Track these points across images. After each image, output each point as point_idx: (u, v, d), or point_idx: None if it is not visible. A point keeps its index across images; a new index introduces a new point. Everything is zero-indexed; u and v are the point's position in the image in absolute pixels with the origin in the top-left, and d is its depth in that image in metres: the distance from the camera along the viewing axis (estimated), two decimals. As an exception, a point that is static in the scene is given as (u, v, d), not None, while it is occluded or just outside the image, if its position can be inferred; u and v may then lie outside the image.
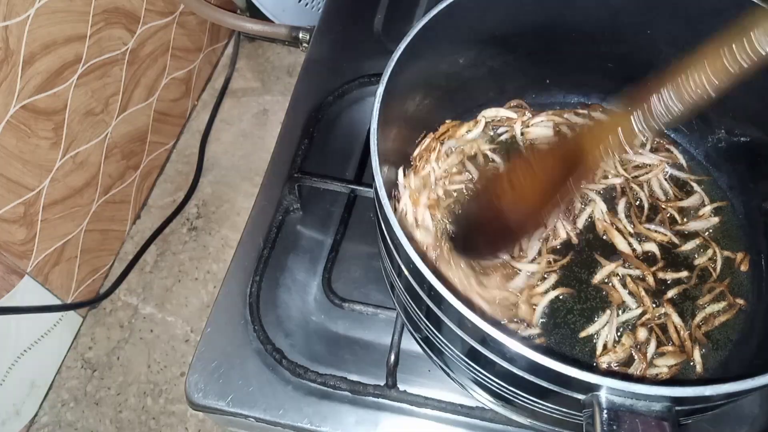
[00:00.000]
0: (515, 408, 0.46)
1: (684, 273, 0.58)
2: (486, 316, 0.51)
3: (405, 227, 0.52)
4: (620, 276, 0.57)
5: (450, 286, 0.49)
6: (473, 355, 0.41)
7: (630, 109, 0.44)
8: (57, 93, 1.03)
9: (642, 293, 0.56)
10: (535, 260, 0.58)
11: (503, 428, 0.55)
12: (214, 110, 1.52)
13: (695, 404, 0.37)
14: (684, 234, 0.60)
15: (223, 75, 1.57)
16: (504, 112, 0.65)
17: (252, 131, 1.51)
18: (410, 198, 0.57)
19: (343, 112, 0.74)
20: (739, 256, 0.59)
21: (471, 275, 0.54)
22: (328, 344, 0.61)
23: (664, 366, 0.53)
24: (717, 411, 0.41)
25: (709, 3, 0.52)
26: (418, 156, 0.62)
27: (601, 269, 0.58)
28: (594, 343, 0.55)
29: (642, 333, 0.54)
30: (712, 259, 0.59)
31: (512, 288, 0.56)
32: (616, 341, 0.54)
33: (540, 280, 0.57)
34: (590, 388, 0.35)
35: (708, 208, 0.61)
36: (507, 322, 0.55)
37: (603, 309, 0.56)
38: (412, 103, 0.57)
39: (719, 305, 0.56)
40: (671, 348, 0.54)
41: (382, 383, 0.56)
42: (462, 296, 0.53)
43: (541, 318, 0.56)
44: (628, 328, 0.55)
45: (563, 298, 0.57)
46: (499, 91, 0.66)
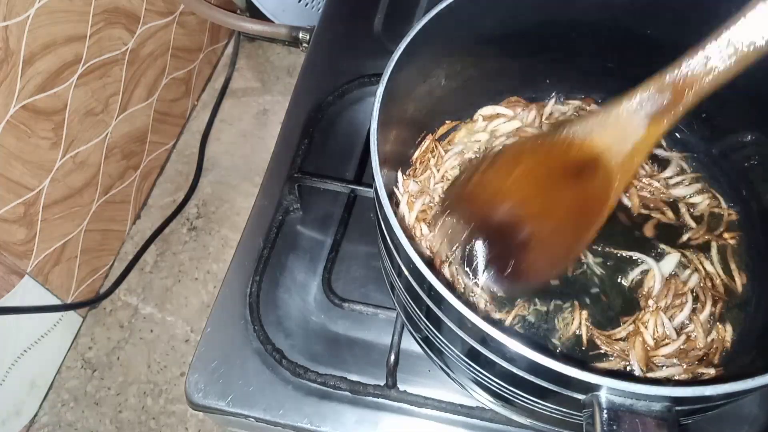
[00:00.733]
0: (515, 408, 0.46)
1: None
2: (487, 317, 0.51)
3: (405, 229, 0.52)
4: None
5: (450, 286, 0.49)
6: (473, 355, 0.41)
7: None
8: (57, 93, 1.03)
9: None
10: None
11: (503, 428, 0.55)
12: (214, 110, 1.51)
13: (695, 404, 0.37)
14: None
15: (223, 75, 1.57)
16: (500, 110, 0.65)
17: (252, 131, 1.51)
18: (407, 204, 0.57)
19: (343, 112, 0.74)
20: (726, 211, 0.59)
21: None
22: (328, 344, 0.61)
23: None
24: (717, 411, 0.41)
25: (710, 2, 0.52)
26: (418, 159, 0.62)
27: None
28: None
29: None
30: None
31: None
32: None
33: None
34: (590, 388, 0.35)
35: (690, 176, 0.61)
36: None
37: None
38: (413, 104, 0.56)
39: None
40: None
41: (382, 383, 0.56)
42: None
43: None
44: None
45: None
46: (500, 91, 0.66)
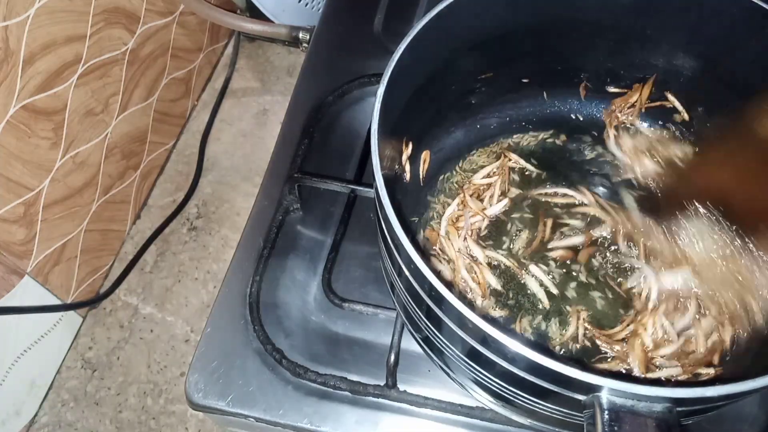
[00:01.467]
0: (515, 408, 0.46)
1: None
2: (486, 316, 0.51)
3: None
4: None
5: (450, 286, 0.49)
6: (474, 355, 0.41)
7: None
8: (57, 93, 1.03)
9: None
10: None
11: (503, 428, 0.55)
12: (214, 110, 1.51)
13: (696, 405, 0.37)
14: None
15: (223, 75, 1.57)
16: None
17: (252, 131, 1.51)
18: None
19: (343, 112, 0.74)
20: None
21: None
22: (328, 344, 0.61)
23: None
24: (718, 411, 0.41)
25: (710, 4, 0.52)
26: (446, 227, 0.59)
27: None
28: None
29: None
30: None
31: None
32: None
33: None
34: (591, 389, 0.35)
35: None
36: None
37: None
38: (413, 103, 0.56)
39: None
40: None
41: (382, 383, 0.56)
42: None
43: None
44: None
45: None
46: (500, 91, 0.66)
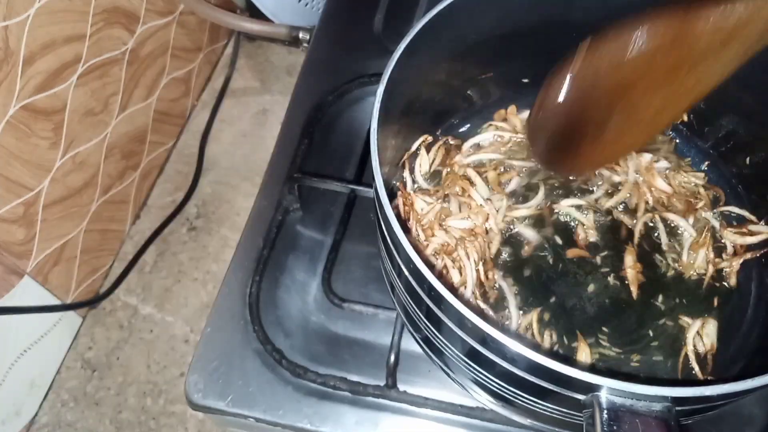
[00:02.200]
0: (515, 408, 0.46)
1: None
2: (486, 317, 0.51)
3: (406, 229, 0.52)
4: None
5: (449, 286, 0.49)
6: (473, 355, 0.41)
7: None
8: (57, 93, 1.03)
9: None
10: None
11: (503, 428, 0.55)
12: (214, 110, 1.51)
13: (695, 404, 0.37)
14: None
15: (223, 75, 1.57)
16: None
17: (252, 131, 1.51)
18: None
19: (343, 112, 0.74)
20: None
21: None
22: (328, 344, 0.61)
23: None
24: (717, 411, 0.41)
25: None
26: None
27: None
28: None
29: None
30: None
31: None
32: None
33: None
34: (590, 389, 0.35)
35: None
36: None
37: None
38: (413, 103, 0.57)
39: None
40: None
41: (382, 383, 0.56)
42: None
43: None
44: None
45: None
46: (499, 91, 0.66)
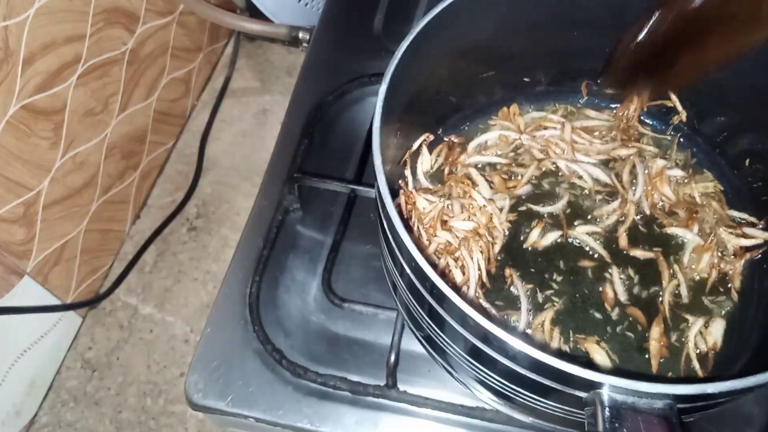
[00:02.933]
0: (517, 406, 0.46)
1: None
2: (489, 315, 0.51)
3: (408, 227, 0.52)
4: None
5: (452, 285, 0.49)
6: (475, 353, 0.41)
7: None
8: (57, 93, 1.03)
9: None
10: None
11: (503, 428, 0.55)
12: (214, 110, 1.51)
13: (697, 402, 0.37)
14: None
15: (223, 75, 1.57)
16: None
17: (252, 131, 1.51)
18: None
19: (343, 112, 0.74)
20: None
21: None
22: (328, 344, 0.61)
23: None
24: (719, 409, 0.41)
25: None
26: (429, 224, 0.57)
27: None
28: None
29: None
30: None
31: None
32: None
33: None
34: (592, 386, 0.35)
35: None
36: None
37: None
38: (414, 102, 0.57)
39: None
40: None
41: (382, 383, 0.56)
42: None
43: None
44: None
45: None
46: (501, 91, 0.66)
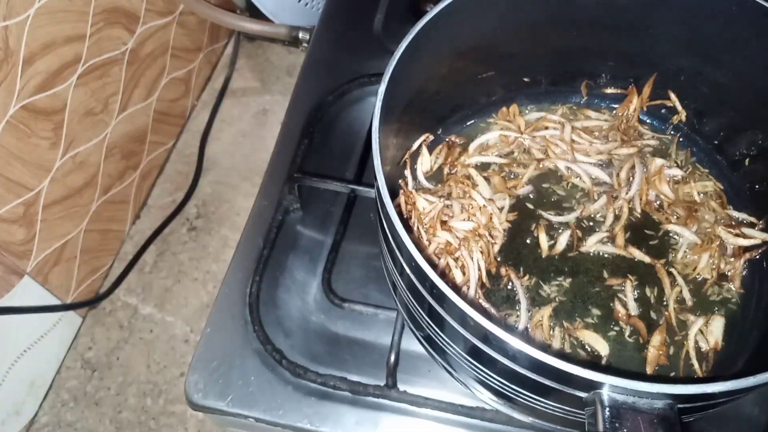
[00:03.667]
0: (517, 406, 0.46)
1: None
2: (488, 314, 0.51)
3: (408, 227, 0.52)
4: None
5: (452, 285, 0.49)
6: (475, 353, 0.41)
7: None
8: (57, 93, 1.03)
9: None
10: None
11: (503, 428, 0.55)
12: (214, 110, 1.51)
13: (697, 402, 0.37)
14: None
15: (223, 75, 1.57)
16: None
17: (252, 131, 1.51)
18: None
19: (343, 112, 0.74)
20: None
21: None
22: (328, 344, 0.61)
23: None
24: (718, 409, 0.41)
25: (710, 2, 0.52)
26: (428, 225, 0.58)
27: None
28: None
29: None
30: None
31: None
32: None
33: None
34: (592, 386, 0.35)
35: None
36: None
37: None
38: (414, 102, 0.57)
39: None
40: None
41: (382, 383, 0.56)
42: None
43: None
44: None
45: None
46: (501, 91, 0.66)
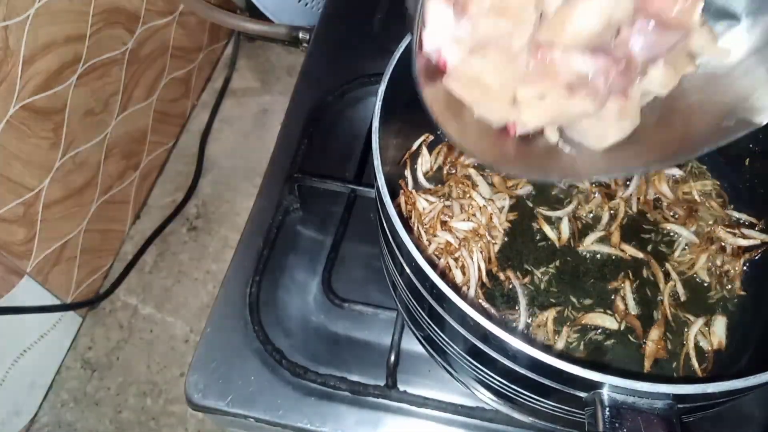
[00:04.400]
0: (517, 406, 0.46)
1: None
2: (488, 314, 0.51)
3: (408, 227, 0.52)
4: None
5: (452, 285, 0.49)
6: (475, 353, 0.41)
7: None
8: (57, 93, 1.03)
9: None
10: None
11: (503, 428, 0.55)
12: (214, 110, 1.52)
13: (697, 402, 0.37)
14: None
15: (223, 75, 1.57)
16: None
17: (252, 131, 1.51)
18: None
19: (343, 112, 0.74)
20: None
21: None
22: (328, 344, 0.61)
23: None
24: (718, 409, 0.41)
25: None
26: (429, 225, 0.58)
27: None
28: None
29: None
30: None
31: None
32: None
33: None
34: (592, 386, 0.35)
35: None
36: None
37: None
38: (414, 102, 0.56)
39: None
40: None
41: (382, 383, 0.56)
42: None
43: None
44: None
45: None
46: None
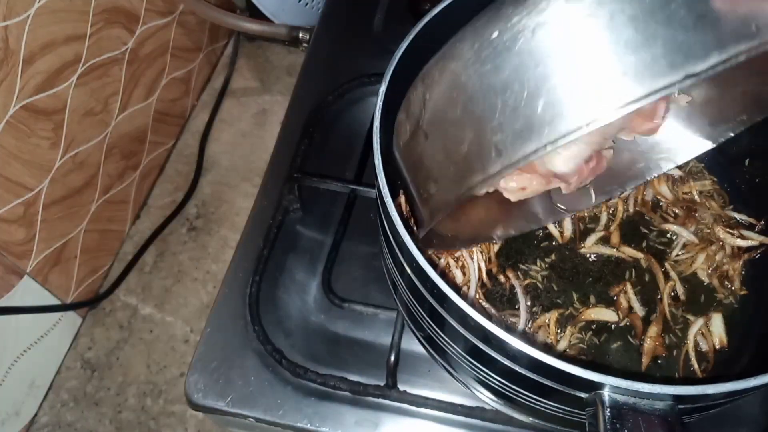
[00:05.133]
0: (517, 406, 0.46)
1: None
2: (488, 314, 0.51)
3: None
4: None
5: (452, 285, 0.49)
6: (475, 353, 0.41)
7: None
8: (57, 93, 1.03)
9: None
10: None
11: (503, 428, 0.55)
12: (214, 110, 1.51)
13: (698, 402, 0.37)
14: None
15: (223, 75, 1.57)
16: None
17: (252, 131, 1.51)
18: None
19: (343, 112, 0.74)
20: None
21: None
22: (328, 344, 0.61)
23: None
24: (719, 410, 0.41)
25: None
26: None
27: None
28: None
29: None
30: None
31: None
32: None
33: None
34: (593, 387, 0.35)
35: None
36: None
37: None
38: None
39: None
40: None
41: (383, 383, 0.56)
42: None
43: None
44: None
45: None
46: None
